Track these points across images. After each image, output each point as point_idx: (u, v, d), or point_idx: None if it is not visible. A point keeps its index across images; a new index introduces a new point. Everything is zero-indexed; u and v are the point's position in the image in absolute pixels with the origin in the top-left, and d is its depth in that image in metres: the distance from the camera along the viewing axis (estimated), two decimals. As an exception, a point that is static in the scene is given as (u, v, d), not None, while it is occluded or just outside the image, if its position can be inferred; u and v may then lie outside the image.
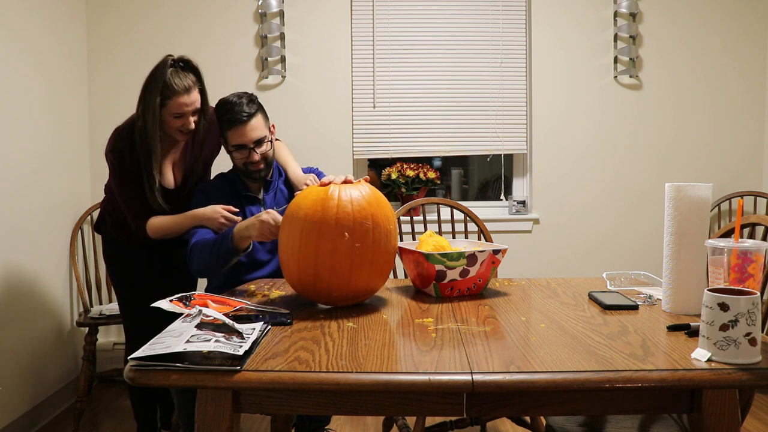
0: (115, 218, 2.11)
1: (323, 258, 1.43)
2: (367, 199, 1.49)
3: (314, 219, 1.44)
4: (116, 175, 2.00)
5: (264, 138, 1.97)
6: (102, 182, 3.12)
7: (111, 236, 2.16)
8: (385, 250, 1.50)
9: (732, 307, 1.02)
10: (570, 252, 3.24)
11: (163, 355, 1.03)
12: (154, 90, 1.87)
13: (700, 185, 1.35)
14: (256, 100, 1.99)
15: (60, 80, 2.84)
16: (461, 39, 3.20)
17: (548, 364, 1.04)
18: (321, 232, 1.43)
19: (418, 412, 1.08)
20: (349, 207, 1.45)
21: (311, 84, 3.15)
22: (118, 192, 2.01)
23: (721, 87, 3.22)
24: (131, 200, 1.99)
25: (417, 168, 3.21)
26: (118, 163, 1.97)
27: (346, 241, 1.42)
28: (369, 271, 1.47)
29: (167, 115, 1.91)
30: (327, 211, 1.44)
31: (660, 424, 1.47)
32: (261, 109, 1.99)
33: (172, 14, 3.12)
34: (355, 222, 1.44)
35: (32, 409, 2.57)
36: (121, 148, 1.96)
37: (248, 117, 1.92)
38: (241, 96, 1.96)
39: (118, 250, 2.16)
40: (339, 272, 1.43)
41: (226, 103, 1.95)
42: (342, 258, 1.43)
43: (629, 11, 3.14)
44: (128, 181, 1.97)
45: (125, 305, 2.18)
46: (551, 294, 1.64)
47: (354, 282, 1.46)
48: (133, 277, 2.15)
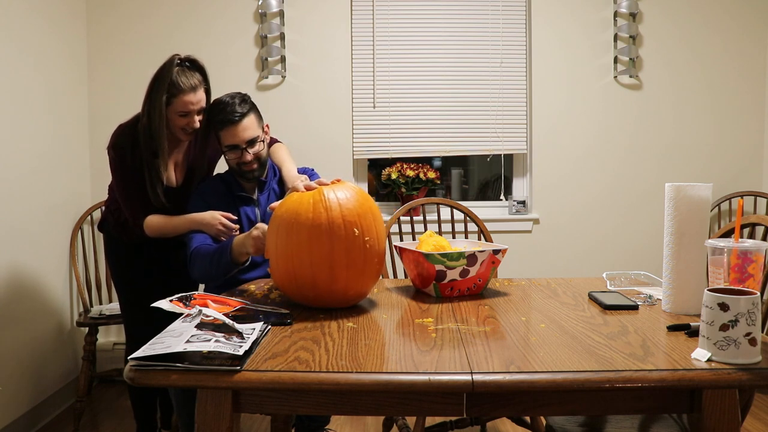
0: (117, 218, 2.11)
1: (301, 259, 1.44)
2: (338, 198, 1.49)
3: (288, 221, 1.46)
4: (117, 172, 2.00)
5: (256, 138, 1.96)
6: (102, 181, 3.14)
7: (112, 236, 2.16)
8: (362, 248, 1.46)
9: (732, 307, 1.02)
10: (570, 252, 3.24)
11: (163, 355, 1.03)
12: (161, 88, 1.88)
13: (700, 185, 1.35)
14: (249, 99, 1.99)
15: (60, 80, 2.84)
16: (461, 39, 3.20)
17: (548, 364, 1.04)
18: (290, 232, 1.45)
19: (418, 412, 1.08)
20: (321, 207, 1.45)
21: (311, 84, 3.15)
22: (117, 188, 2.02)
23: (721, 87, 3.22)
24: (130, 197, 1.99)
25: (417, 168, 3.21)
26: (119, 159, 1.97)
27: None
28: (346, 272, 1.44)
29: (172, 113, 1.92)
30: (300, 214, 1.45)
31: (660, 424, 1.47)
32: (254, 108, 1.99)
33: (172, 14, 3.12)
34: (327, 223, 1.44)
35: (32, 409, 2.57)
36: (123, 145, 1.96)
37: (240, 117, 1.92)
38: (233, 96, 1.96)
39: (119, 250, 2.16)
40: (320, 273, 1.44)
41: (219, 103, 1.96)
42: (318, 259, 1.43)
43: (629, 11, 3.14)
44: (128, 178, 1.98)
45: (126, 305, 2.18)
46: (551, 294, 1.64)
47: (334, 284, 1.44)
48: (133, 276, 2.15)
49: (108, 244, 2.21)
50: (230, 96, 1.96)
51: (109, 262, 2.22)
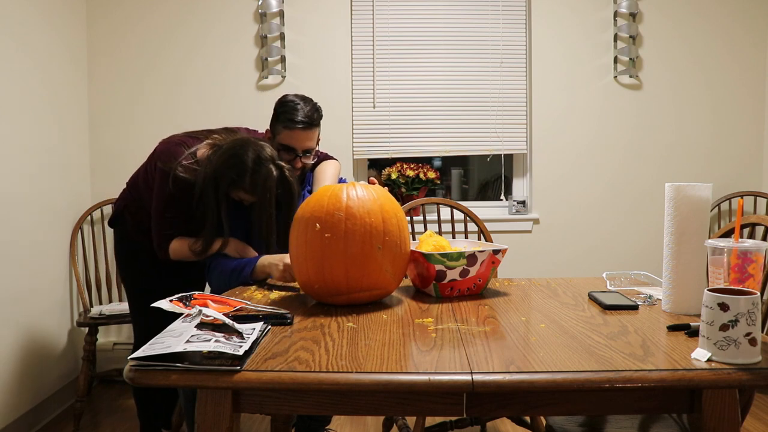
0: (138, 219, 2.07)
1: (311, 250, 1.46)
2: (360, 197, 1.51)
3: (305, 216, 1.50)
4: (166, 198, 1.90)
5: (312, 149, 2.00)
6: (102, 181, 3.14)
7: (130, 237, 2.12)
8: (362, 242, 1.46)
9: (732, 307, 1.02)
10: (570, 252, 3.24)
11: (163, 355, 1.03)
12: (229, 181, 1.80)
13: (700, 185, 1.35)
14: (321, 111, 2.01)
15: (60, 80, 2.84)
16: (461, 39, 3.20)
17: (548, 364, 1.04)
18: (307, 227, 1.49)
19: (418, 412, 1.08)
20: (325, 200, 1.48)
21: (311, 84, 3.15)
22: (158, 209, 1.93)
23: (721, 87, 3.22)
24: (166, 222, 1.93)
25: (417, 168, 3.21)
26: (176, 191, 1.87)
27: (317, 232, 1.45)
28: (344, 264, 1.45)
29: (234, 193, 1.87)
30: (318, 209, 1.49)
31: (660, 424, 1.47)
32: (320, 122, 2.01)
33: (172, 14, 3.12)
34: (327, 214, 1.46)
35: (32, 409, 2.57)
36: (189, 186, 1.85)
37: (310, 125, 1.94)
38: (309, 101, 1.97)
39: (137, 254, 2.11)
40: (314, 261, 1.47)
41: (294, 102, 1.95)
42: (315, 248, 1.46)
43: (629, 11, 3.14)
44: (174, 208, 1.90)
45: (136, 310, 2.15)
46: (551, 294, 1.64)
47: (330, 275, 1.46)
48: (146, 283, 2.12)
49: (122, 245, 2.16)
50: (306, 100, 1.96)
51: (122, 265, 2.17)
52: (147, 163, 2.04)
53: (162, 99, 3.12)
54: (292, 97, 1.97)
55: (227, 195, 1.82)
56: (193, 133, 2.00)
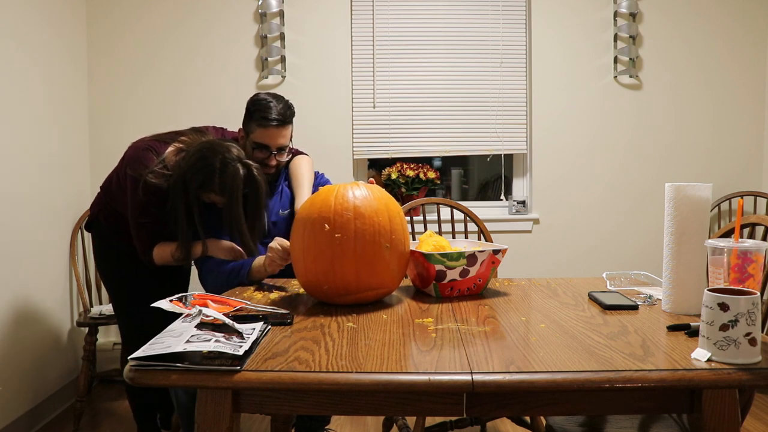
0: (112, 223, 2.08)
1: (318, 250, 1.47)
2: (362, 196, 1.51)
3: (307, 216, 1.51)
4: (140, 205, 1.90)
5: (286, 147, 2.00)
6: (102, 182, 3.12)
7: (107, 240, 2.13)
8: (371, 242, 1.47)
9: (732, 307, 1.02)
10: (570, 252, 3.24)
11: (162, 355, 1.03)
12: (202, 186, 1.80)
13: (700, 185, 1.35)
14: (293, 108, 2.01)
15: (60, 80, 2.84)
16: (461, 39, 3.20)
17: (548, 364, 1.04)
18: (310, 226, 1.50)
19: (418, 412, 1.08)
20: (332, 201, 1.49)
21: (311, 84, 3.15)
22: (134, 217, 1.93)
23: (721, 87, 3.22)
24: (144, 228, 1.92)
25: (417, 168, 3.21)
26: (148, 198, 1.87)
27: (327, 232, 1.45)
28: (354, 264, 1.46)
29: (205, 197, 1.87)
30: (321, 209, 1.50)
31: (660, 424, 1.47)
32: (293, 120, 2.02)
33: (172, 14, 3.12)
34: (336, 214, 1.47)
35: (32, 409, 2.57)
36: (161, 192, 1.85)
37: (283, 123, 1.94)
38: (281, 99, 1.97)
39: (116, 256, 2.12)
40: (322, 262, 1.48)
41: (267, 100, 1.95)
42: (324, 248, 1.46)
43: (629, 11, 3.14)
44: (150, 213, 1.90)
45: (119, 311, 2.15)
46: (551, 294, 1.64)
47: (341, 274, 1.46)
48: (127, 284, 2.12)
49: (100, 247, 2.16)
50: (277, 98, 1.96)
51: (101, 266, 2.17)
52: (118, 168, 2.03)
53: (162, 99, 3.12)
54: (264, 95, 1.97)
55: (198, 198, 1.83)
56: (161, 136, 1.99)
